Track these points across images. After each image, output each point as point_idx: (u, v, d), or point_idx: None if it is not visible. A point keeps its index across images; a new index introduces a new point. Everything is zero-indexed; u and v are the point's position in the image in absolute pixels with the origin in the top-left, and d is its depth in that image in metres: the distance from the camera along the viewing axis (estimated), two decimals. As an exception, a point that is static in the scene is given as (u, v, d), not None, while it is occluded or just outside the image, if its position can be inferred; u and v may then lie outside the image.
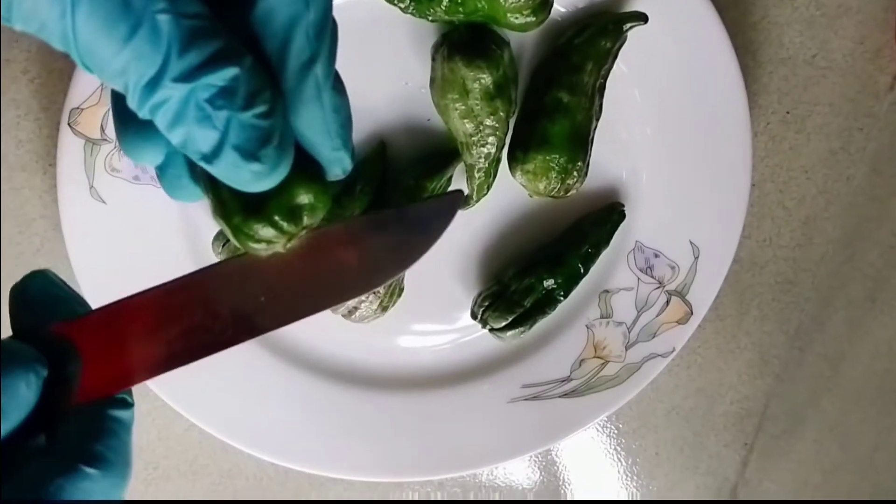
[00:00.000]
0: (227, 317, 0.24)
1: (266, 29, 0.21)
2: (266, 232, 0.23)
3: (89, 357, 0.23)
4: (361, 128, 0.45)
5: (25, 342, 0.21)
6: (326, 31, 0.21)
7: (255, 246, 0.23)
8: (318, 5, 0.21)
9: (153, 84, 0.19)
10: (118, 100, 0.22)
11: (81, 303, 0.24)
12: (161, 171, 0.24)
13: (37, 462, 0.21)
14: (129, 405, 0.23)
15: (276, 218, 0.23)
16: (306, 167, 0.23)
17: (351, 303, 0.43)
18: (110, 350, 0.23)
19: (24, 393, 0.20)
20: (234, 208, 0.23)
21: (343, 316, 0.44)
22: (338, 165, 0.23)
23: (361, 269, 0.25)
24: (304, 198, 0.23)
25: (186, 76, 0.19)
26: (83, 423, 0.22)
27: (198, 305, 0.24)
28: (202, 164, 0.21)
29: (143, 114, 0.20)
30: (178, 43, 0.19)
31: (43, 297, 0.23)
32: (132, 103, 0.20)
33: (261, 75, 0.20)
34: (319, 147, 0.23)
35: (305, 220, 0.23)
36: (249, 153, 0.20)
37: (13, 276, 0.48)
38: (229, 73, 0.19)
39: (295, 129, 0.22)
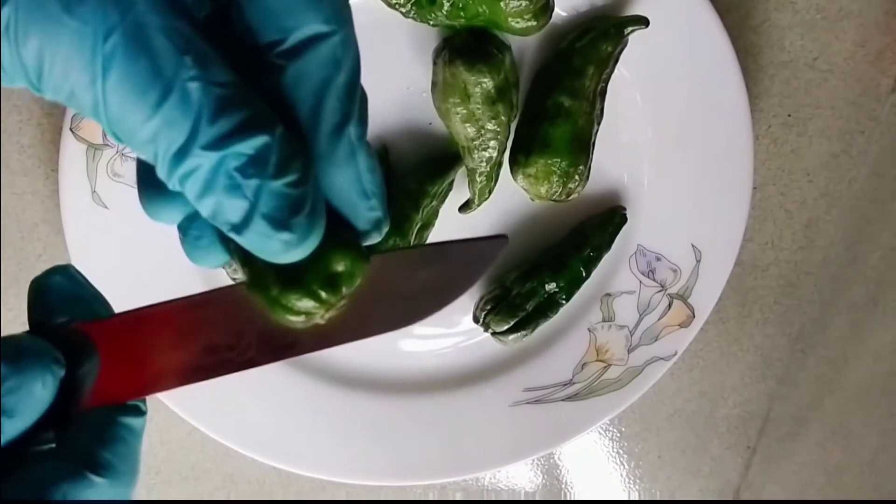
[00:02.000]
0: (253, 338, 0.23)
1: (297, 93, 0.20)
2: (305, 304, 0.22)
3: (109, 360, 0.22)
4: (363, 132, 0.45)
5: (43, 338, 0.21)
6: (357, 89, 0.21)
7: (294, 318, 0.22)
8: (348, 66, 0.21)
9: (183, 152, 0.19)
10: (142, 160, 0.22)
11: (103, 303, 0.24)
12: (182, 232, 0.23)
13: (44, 462, 0.21)
14: (141, 413, 0.22)
15: (315, 288, 0.22)
16: (339, 233, 0.22)
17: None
18: (132, 356, 0.23)
19: (40, 393, 0.20)
20: (271, 280, 0.22)
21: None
22: (375, 228, 0.23)
23: (398, 305, 0.24)
24: (341, 265, 0.22)
25: (216, 144, 0.19)
26: (94, 427, 0.21)
27: (223, 323, 0.23)
28: (232, 236, 0.20)
29: (172, 184, 0.20)
30: (209, 111, 0.19)
31: (63, 293, 0.23)
32: (161, 173, 0.20)
33: (292, 142, 0.20)
34: (355, 209, 0.22)
35: (344, 289, 0.22)
36: (280, 222, 0.20)
37: (16, 280, 0.48)
38: (259, 140, 0.19)
39: (328, 193, 0.21)
